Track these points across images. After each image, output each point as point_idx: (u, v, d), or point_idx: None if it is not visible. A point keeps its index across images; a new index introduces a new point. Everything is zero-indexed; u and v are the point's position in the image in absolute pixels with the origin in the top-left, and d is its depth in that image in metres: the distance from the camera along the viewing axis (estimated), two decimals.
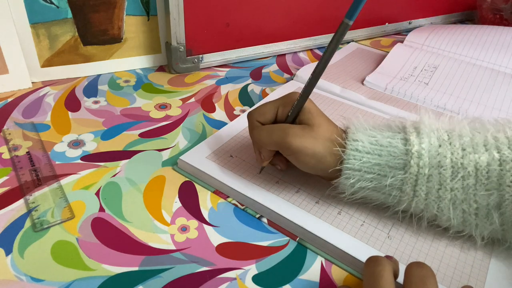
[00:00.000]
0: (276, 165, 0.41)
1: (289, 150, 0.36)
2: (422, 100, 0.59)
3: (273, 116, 0.39)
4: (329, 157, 0.36)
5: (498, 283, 0.33)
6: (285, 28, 0.71)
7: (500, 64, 0.68)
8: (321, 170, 0.37)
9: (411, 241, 0.36)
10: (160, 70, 0.65)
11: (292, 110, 0.38)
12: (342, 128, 0.38)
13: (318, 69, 0.36)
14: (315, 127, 0.36)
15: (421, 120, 0.36)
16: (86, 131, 0.49)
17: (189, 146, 0.48)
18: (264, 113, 0.39)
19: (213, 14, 0.62)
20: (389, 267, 0.30)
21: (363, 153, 0.35)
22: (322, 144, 0.36)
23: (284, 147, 0.36)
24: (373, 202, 0.38)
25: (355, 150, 0.35)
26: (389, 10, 0.83)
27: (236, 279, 0.33)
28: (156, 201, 0.40)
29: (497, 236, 0.35)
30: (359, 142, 0.36)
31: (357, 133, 0.36)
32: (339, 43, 0.34)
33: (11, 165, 0.43)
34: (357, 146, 0.35)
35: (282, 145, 0.36)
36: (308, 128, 0.36)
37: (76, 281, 0.32)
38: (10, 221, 0.37)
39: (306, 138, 0.36)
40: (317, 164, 0.36)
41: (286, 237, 0.37)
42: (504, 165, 0.32)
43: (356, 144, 0.36)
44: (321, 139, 0.36)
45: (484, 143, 0.34)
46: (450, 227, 0.36)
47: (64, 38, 0.58)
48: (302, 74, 0.62)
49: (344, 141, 0.36)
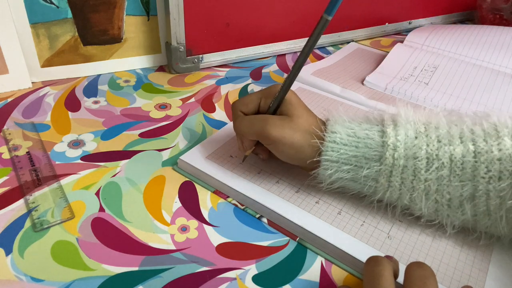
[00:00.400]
0: (259, 155, 0.42)
1: (268, 139, 0.37)
2: (422, 100, 0.59)
3: (256, 107, 0.40)
4: (307, 148, 0.37)
5: (498, 283, 0.33)
6: (285, 28, 0.71)
7: (500, 64, 0.68)
8: (300, 160, 0.38)
9: (411, 241, 0.36)
10: (160, 70, 0.65)
11: (273, 102, 0.39)
12: (322, 120, 0.39)
13: (298, 62, 0.37)
14: (294, 118, 0.37)
15: (399, 112, 0.37)
16: (86, 131, 0.49)
17: (189, 146, 0.48)
18: (247, 104, 0.40)
19: (213, 14, 0.62)
20: (389, 267, 0.30)
21: (340, 145, 0.36)
22: (300, 135, 0.37)
23: (263, 137, 0.37)
24: (350, 191, 0.39)
25: (332, 142, 0.36)
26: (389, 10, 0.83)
27: (236, 279, 0.33)
28: (156, 201, 0.40)
29: (467, 226, 0.36)
30: (337, 134, 0.36)
31: (335, 125, 0.37)
32: (318, 39, 0.35)
33: (11, 165, 0.43)
34: (335, 138, 0.36)
35: (262, 134, 0.37)
36: (287, 119, 0.37)
37: (76, 281, 0.32)
38: (10, 221, 0.37)
39: (285, 128, 0.37)
40: (295, 154, 0.37)
41: (286, 237, 0.37)
42: (478, 157, 0.33)
43: (334, 136, 0.36)
44: (300, 130, 0.37)
45: (460, 135, 0.34)
46: (422, 216, 0.36)
47: (64, 38, 0.58)
48: (302, 74, 0.62)
49: (322, 133, 0.37)
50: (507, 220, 0.33)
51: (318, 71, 0.64)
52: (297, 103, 0.39)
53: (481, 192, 0.33)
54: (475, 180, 0.33)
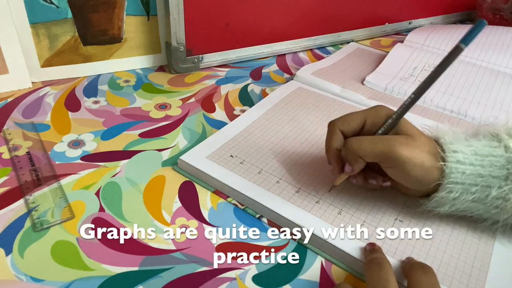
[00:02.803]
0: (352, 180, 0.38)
1: (396, 161, 0.33)
2: (422, 100, 0.59)
3: (359, 126, 0.36)
4: (435, 169, 0.34)
5: (498, 283, 0.33)
6: (285, 28, 0.71)
7: (500, 64, 0.68)
8: (425, 183, 0.35)
9: (411, 241, 0.36)
10: (160, 70, 0.65)
11: (389, 123, 0.35)
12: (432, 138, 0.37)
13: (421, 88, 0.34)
14: (416, 137, 0.34)
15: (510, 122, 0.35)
16: (86, 131, 0.49)
17: (189, 146, 0.48)
18: (349, 122, 0.36)
19: (213, 14, 0.62)
20: (391, 270, 0.30)
21: (466, 165, 0.34)
22: (428, 155, 0.34)
23: (391, 157, 0.33)
24: (471, 213, 0.36)
25: (456, 162, 0.34)
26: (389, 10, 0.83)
27: (236, 279, 0.33)
28: (156, 201, 0.40)
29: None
30: (460, 153, 0.34)
31: (455, 143, 0.35)
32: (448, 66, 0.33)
33: (11, 165, 0.43)
34: (458, 158, 0.34)
35: (389, 155, 0.33)
36: (410, 137, 0.34)
37: (76, 281, 0.32)
38: (10, 221, 0.37)
39: (413, 147, 0.33)
40: (424, 176, 0.34)
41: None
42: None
43: (457, 155, 0.34)
44: (426, 150, 0.34)
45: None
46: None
47: (64, 38, 0.58)
48: (302, 74, 0.62)
49: (444, 153, 0.34)
50: None
51: (318, 71, 0.64)
52: (411, 124, 0.36)
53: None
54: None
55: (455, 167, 0.34)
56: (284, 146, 0.47)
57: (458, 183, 0.34)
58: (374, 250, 0.34)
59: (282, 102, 0.56)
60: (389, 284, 0.29)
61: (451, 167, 0.34)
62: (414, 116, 0.54)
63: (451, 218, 0.39)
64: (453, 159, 0.34)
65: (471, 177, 0.34)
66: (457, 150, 0.34)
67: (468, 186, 0.34)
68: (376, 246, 0.34)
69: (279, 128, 0.50)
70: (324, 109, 0.55)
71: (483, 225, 0.37)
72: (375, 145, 0.34)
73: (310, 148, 0.47)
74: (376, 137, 0.35)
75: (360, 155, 0.35)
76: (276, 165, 0.44)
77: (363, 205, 0.39)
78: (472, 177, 0.34)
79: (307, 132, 0.49)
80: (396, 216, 0.39)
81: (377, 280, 0.29)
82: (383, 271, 0.30)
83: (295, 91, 0.59)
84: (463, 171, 0.34)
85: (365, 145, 0.34)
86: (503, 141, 0.34)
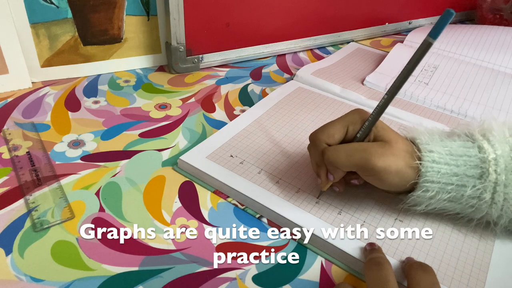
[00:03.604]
0: (335, 187, 0.39)
1: (372, 170, 0.34)
2: (422, 100, 0.59)
3: (342, 136, 0.37)
4: (409, 171, 0.35)
5: (498, 283, 0.33)
6: (285, 28, 0.71)
7: (500, 64, 0.68)
8: (402, 186, 0.36)
9: (411, 241, 0.36)
10: (160, 70, 0.65)
11: (364, 129, 0.36)
12: (408, 139, 0.37)
13: (394, 88, 0.34)
14: (392, 143, 0.35)
15: (489, 126, 0.36)
16: (86, 131, 0.49)
17: (189, 146, 0.48)
18: (332, 135, 0.37)
19: (213, 14, 0.62)
20: (391, 269, 0.30)
21: (441, 164, 0.35)
22: (402, 160, 0.35)
23: (366, 168, 0.34)
24: (447, 212, 0.37)
25: (432, 162, 0.35)
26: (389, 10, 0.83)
27: (236, 279, 0.33)
28: (156, 201, 0.40)
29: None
30: (435, 153, 0.35)
31: (431, 143, 0.36)
32: (419, 62, 0.33)
33: (11, 165, 0.43)
34: (434, 158, 0.35)
35: (365, 166, 0.34)
36: (387, 145, 0.35)
37: (76, 281, 0.32)
38: (10, 221, 0.37)
39: (388, 156, 0.34)
40: (400, 182, 0.35)
41: (286, 237, 0.37)
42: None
43: (432, 155, 0.35)
44: (401, 155, 0.35)
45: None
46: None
47: (64, 38, 0.58)
48: (302, 74, 0.62)
49: (420, 153, 0.35)
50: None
51: (318, 71, 0.64)
52: (388, 127, 0.37)
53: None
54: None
55: (431, 166, 0.35)
56: (284, 146, 0.47)
57: (434, 182, 0.35)
58: (374, 250, 0.34)
59: (282, 102, 0.56)
60: (389, 284, 0.29)
61: (427, 166, 0.35)
62: (413, 116, 0.54)
63: (451, 218, 0.39)
64: (428, 159, 0.35)
65: (446, 176, 0.35)
66: (433, 150, 0.35)
67: (443, 185, 0.35)
68: (376, 246, 0.34)
69: (279, 128, 0.50)
70: (324, 109, 0.55)
71: (459, 222, 0.38)
72: (351, 156, 0.35)
73: None
74: (352, 147, 0.35)
75: (337, 166, 0.35)
76: (276, 165, 0.44)
77: (363, 205, 0.39)
78: (447, 176, 0.35)
79: (307, 132, 0.49)
80: (396, 216, 0.39)
81: (377, 280, 0.29)
82: (383, 270, 0.30)
83: (295, 91, 0.59)
84: (438, 170, 0.35)
85: (341, 156, 0.35)
86: (477, 142, 0.35)
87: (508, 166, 0.34)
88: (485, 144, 0.35)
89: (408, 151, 0.35)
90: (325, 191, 0.39)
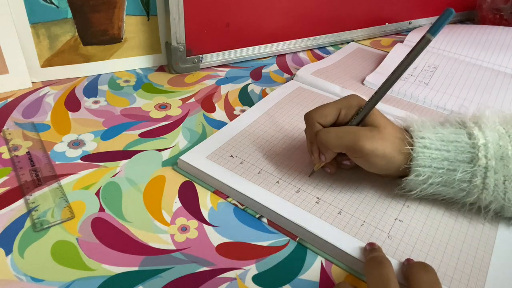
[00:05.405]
0: (326, 168, 0.42)
1: (360, 152, 0.36)
2: (422, 100, 0.59)
3: (335, 118, 0.39)
4: (398, 156, 0.37)
5: (498, 283, 0.33)
6: (285, 28, 0.71)
7: (500, 64, 0.68)
8: (390, 169, 0.37)
9: (411, 241, 0.36)
10: (160, 70, 0.65)
11: (359, 113, 0.38)
12: (401, 128, 0.39)
13: (392, 79, 0.36)
14: (381, 128, 0.37)
15: (481, 114, 0.37)
16: (86, 131, 0.49)
17: (189, 146, 0.48)
18: (325, 115, 0.38)
19: (213, 14, 0.62)
20: (392, 268, 0.30)
21: (432, 150, 0.36)
22: (391, 144, 0.36)
23: (355, 150, 0.36)
24: (442, 197, 0.39)
25: (423, 147, 0.36)
26: (389, 10, 0.83)
27: (236, 279, 0.33)
28: (156, 201, 0.40)
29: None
30: (426, 139, 0.37)
31: (423, 130, 0.37)
32: (417, 56, 0.35)
33: (11, 165, 0.43)
34: (425, 143, 0.36)
35: (354, 148, 0.36)
36: (376, 129, 0.37)
37: (76, 281, 0.32)
38: (10, 221, 0.37)
39: (376, 140, 0.36)
40: (386, 165, 0.37)
41: (286, 237, 0.37)
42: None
43: (424, 141, 0.36)
44: (389, 140, 0.36)
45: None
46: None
47: (64, 38, 0.58)
48: (302, 74, 0.62)
49: (411, 139, 0.37)
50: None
51: (318, 71, 0.64)
52: (379, 113, 0.38)
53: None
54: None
55: (422, 151, 0.36)
56: (284, 146, 0.47)
57: (426, 166, 0.36)
58: (374, 249, 0.34)
59: (282, 102, 0.56)
60: (390, 282, 0.29)
61: (418, 151, 0.36)
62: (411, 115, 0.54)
63: (450, 218, 0.39)
64: (420, 145, 0.36)
65: (437, 161, 0.36)
66: (424, 137, 0.37)
67: (435, 169, 0.36)
68: (376, 246, 0.34)
69: (279, 128, 0.50)
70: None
71: (454, 207, 0.39)
72: (341, 138, 0.37)
73: None
74: (343, 129, 0.37)
75: (328, 146, 0.37)
76: (276, 165, 0.44)
77: (363, 205, 0.39)
78: (438, 161, 0.36)
79: None
80: (396, 216, 0.39)
81: (377, 278, 0.29)
82: (384, 269, 0.30)
83: (295, 91, 0.59)
84: (429, 155, 0.36)
85: (332, 138, 0.37)
86: (468, 128, 0.37)
87: (496, 152, 0.35)
88: (475, 131, 0.36)
89: (399, 137, 0.37)
90: (317, 171, 0.42)
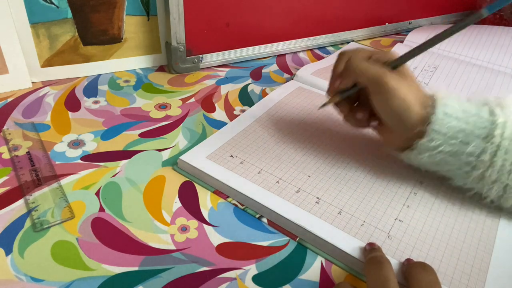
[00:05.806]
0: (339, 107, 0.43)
1: (383, 87, 0.37)
2: None
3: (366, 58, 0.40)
4: (416, 108, 0.37)
5: (498, 283, 0.33)
6: (285, 28, 0.71)
7: (500, 64, 0.68)
8: (402, 119, 0.37)
9: (411, 241, 0.36)
10: (160, 70, 0.65)
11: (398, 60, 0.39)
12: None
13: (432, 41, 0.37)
14: (409, 81, 0.38)
15: (504, 96, 0.38)
16: (86, 131, 0.49)
17: (189, 146, 0.48)
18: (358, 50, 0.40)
19: (213, 14, 0.62)
20: (392, 269, 0.30)
21: (451, 118, 0.36)
22: (413, 96, 0.37)
23: (378, 83, 0.37)
24: (446, 169, 0.39)
25: (444, 114, 0.36)
26: (389, 10, 0.83)
27: (236, 279, 0.33)
28: (156, 201, 0.40)
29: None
30: (449, 106, 0.37)
31: (448, 98, 0.38)
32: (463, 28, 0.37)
33: (11, 165, 0.43)
34: (447, 110, 0.37)
35: (378, 81, 0.37)
36: (403, 77, 0.38)
37: (76, 281, 0.32)
38: (10, 221, 0.37)
39: (402, 82, 0.37)
40: (403, 112, 0.37)
41: (286, 237, 0.37)
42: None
43: (445, 108, 0.37)
44: (414, 90, 0.37)
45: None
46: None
47: (64, 38, 0.58)
48: (302, 74, 0.62)
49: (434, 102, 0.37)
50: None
51: (318, 71, 0.64)
52: (411, 72, 0.39)
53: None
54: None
55: (442, 118, 0.36)
56: (284, 146, 0.47)
57: (441, 133, 0.36)
58: (374, 249, 0.34)
59: (282, 102, 0.56)
60: (389, 282, 0.29)
61: (438, 116, 0.36)
62: None
63: (450, 218, 0.39)
64: (441, 110, 0.37)
65: (454, 130, 0.36)
66: (447, 104, 0.37)
67: (447, 138, 0.36)
68: (375, 246, 0.34)
69: (279, 128, 0.50)
70: (324, 109, 0.55)
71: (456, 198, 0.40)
72: (370, 68, 0.38)
73: (310, 148, 0.47)
74: (374, 64, 0.39)
75: (355, 71, 0.39)
76: (276, 165, 0.44)
77: (363, 205, 0.39)
78: (454, 131, 0.36)
79: (307, 132, 0.49)
80: (396, 216, 0.39)
81: (377, 278, 0.29)
82: (383, 269, 0.30)
83: (295, 91, 0.59)
84: (448, 122, 0.36)
85: (363, 65, 0.38)
86: (490, 107, 0.37)
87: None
88: (497, 110, 0.36)
89: (423, 93, 0.38)
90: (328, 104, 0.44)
